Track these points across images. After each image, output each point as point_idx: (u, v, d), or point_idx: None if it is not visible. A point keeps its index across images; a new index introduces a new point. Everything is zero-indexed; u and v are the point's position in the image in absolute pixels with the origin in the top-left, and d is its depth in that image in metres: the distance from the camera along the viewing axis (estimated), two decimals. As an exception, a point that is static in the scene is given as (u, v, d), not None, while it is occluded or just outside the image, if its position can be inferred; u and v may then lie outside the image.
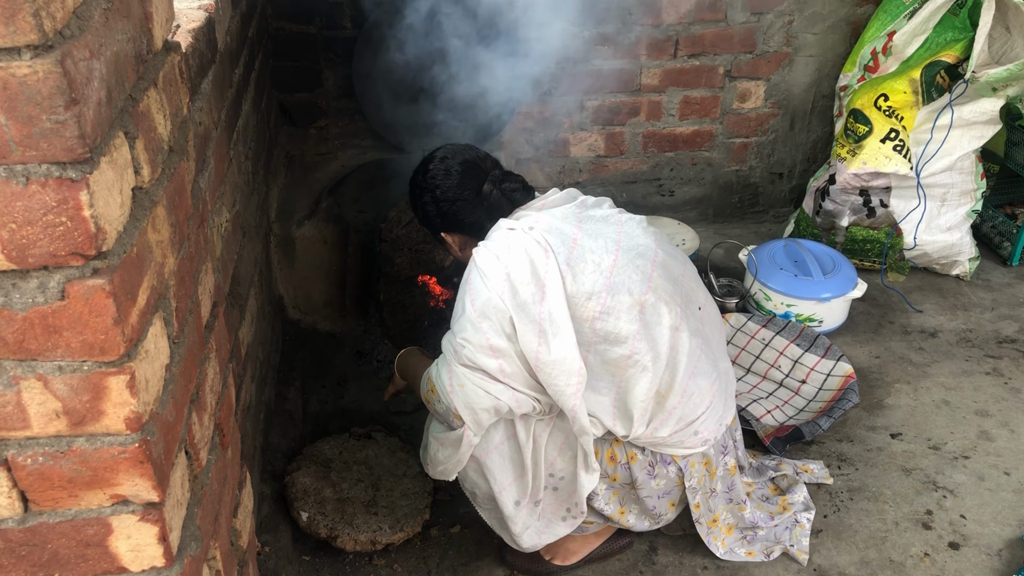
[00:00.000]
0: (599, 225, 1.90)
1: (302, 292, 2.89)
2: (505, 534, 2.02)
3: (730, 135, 3.58)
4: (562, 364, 1.76)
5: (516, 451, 1.90)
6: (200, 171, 1.48)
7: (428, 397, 1.86)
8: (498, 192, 1.96)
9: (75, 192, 0.78)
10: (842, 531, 2.23)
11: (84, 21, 0.78)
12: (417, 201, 2.04)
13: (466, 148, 2.04)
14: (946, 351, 2.93)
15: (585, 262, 1.81)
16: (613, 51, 3.27)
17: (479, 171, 1.98)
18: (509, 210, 1.95)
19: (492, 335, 1.76)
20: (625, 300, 1.80)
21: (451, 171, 1.97)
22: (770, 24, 3.34)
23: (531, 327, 1.75)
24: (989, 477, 2.39)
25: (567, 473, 1.91)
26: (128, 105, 0.90)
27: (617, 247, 1.85)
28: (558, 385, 1.77)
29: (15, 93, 0.73)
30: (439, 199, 1.97)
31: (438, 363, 1.85)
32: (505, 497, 1.93)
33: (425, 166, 2.01)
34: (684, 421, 1.89)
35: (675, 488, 2.00)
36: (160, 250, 0.99)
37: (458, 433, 1.84)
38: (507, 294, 1.76)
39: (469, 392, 1.78)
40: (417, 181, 2.03)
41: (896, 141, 3.10)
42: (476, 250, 1.85)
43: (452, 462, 1.89)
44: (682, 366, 1.86)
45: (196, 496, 1.13)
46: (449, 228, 2.01)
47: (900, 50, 3.18)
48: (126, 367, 0.88)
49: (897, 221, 3.20)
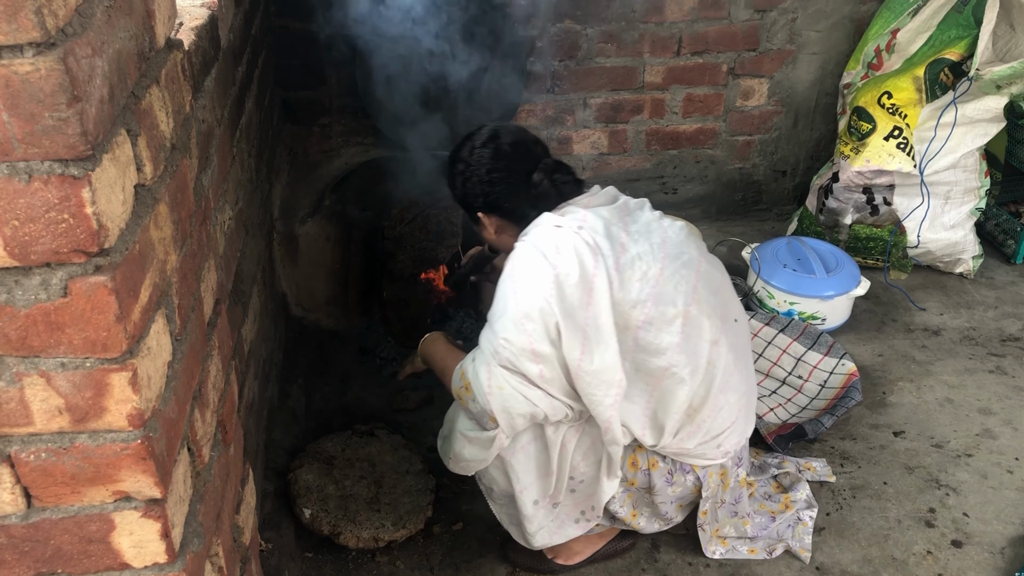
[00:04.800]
0: (644, 229, 1.84)
1: (305, 289, 2.89)
2: (515, 530, 2.00)
3: (733, 133, 3.58)
4: (603, 374, 1.72)
5: (542, 451, 1.86)
6: (203, 168, 1.48)
7: (461, 394, 1.81)
8: (548, 182, 1.87)
9: (77, 189, 0.78)
10: (845, 529, 2.22)
11: (86, 19, 0.79)
12: (458, 177, 1.92)
13: (519, 129, 1.95)
14: (949, 349, 2.92)
15: (633, 269, 1.76)
16: (616, 48, 3.27)
17: (531, 156, 1.89)
18: (556, 202, 1.87)
19: (536, 339, 1.70)
20: (669, 311, 1.76)
21: (502, 151, 1.87)
22: (773, 21, 3.34)
23: (576, 334, 1.70)
24: (992, 475, 2.39)
25: (588, 477, 1.89)
26: (130, 102, 0.91)
27: (664, 255, 1.80)
28: (596, 395, 1.73)
29: (17, 90, 0.73)
30: (484, 180, 1.87)
31: (475, 360, 1.79)
32: (525, 496, 1.90)
33: (472, 142, 1.90)
34: (711, 434, 1.88)
35: (690, 495, 1.99)
36: (162, 247, 0.99)
37: (490, 435, 1.79)
38: (554, 298, 1.70)
39: (508, 396, 1.73)
40: (462, 156, 1.91)
41: (900, 139, 3.09)
42: (521, 246, 1.79)
43: (477, 461, 1.86)
44: (717, 380, 1.84)
45: (199, 493, 1.13)
46: (489, 210, 1.91)
47: (904, 48, 3.17)
48: (128, 364, 0.88)
49: (901, 219, 3.20)
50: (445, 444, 1.95)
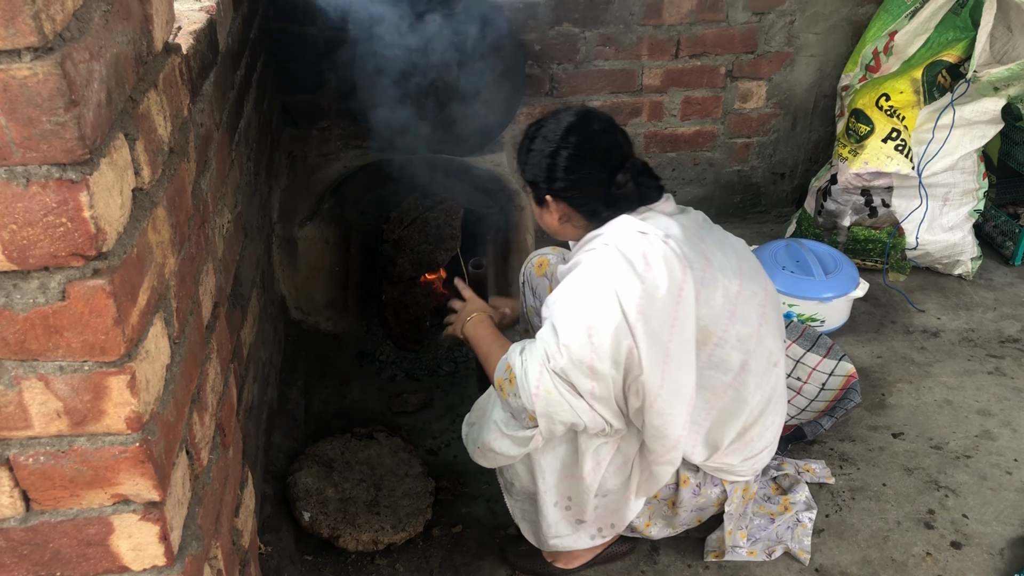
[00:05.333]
0: (719, 244, 1.80)
1: (304, 293, 2.89)
2: (528, 527, 1.99)
3: (732, 135, 3.58)
4: (681, 392, 1.69)
5: (570, 455, 1.83)
6: (201, 172, 1.48)
7: (503, 386, 1.74)
8: (633, 184, 1.75)
9: (75, 193, 0.78)
10: (844, 530, 2.22)
11: (84, 23, 0.79)
12: (535, 155, 1.79)
13: (608, 119, 1.82)
14: (948, 351, 2.93)
15: (716, 285, 1.71)
16: (615, 51, 3.28)
17: (619, 153, 1.77)
18: (634, 206, 1.77)
19: (600, 356, 1.62)
20: (742, 330, 1.74)
21: (593, 141, 1.76)
22: (771, 24, 3.34)
23: (658, 354, 1.63)
24: (991, 476, 2.39)
25: (613, 493, 1.87)
26: (128, 107, 0.91)
27: (740, 273, 1.77)
28: (670, 414, 1.69)
29: (15, 95, 0.73)
30: (566, 166, 1.74)
31: (525, 356, 1.71)
32: (547, 497, 1.87)
33: (559, 121, 1.78)
34: (753, 452, 1.89)
35: (710, 507, 1.99)
36: (160, 251, 0.99)
37: (528, 435, 1.74)
38: (636, 317, 1.61)
39: (554, 402, 1.67)
40: (546, 135, 1.77)
41: (898, 141, 3.10)
42: (605, 249, 1.69)
43: (507, 456, 1.81)
44: (772, 401, 1.85)
45: (197, 496, 1.13)
46: (560, 198, 1.79)
47: (902, 50, 3.17)
48: (127, 367, 0.88)
49: (899, 221, 3.20)
50: (473, 431, 1.89)
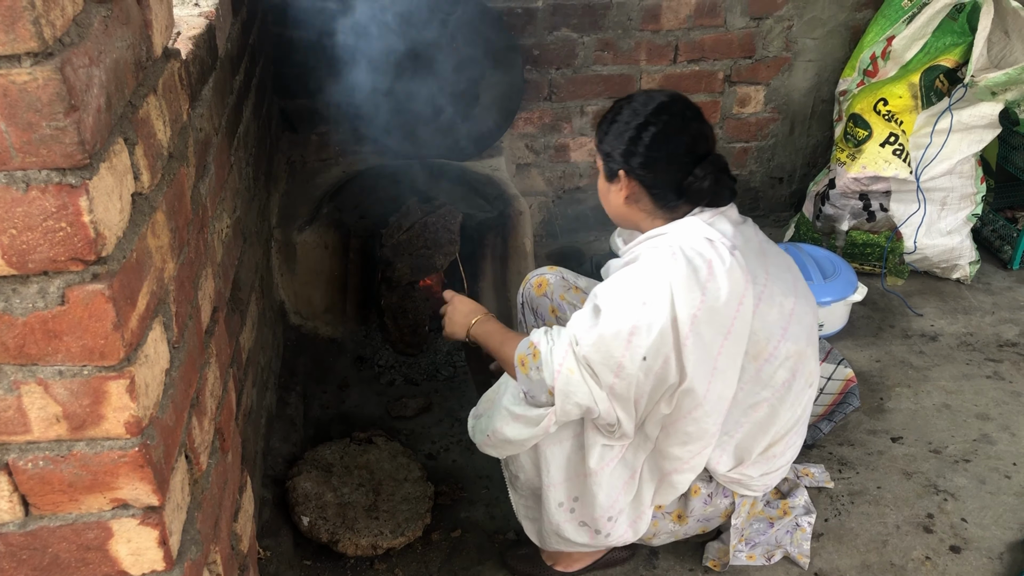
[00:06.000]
0: (777, 259, 1.78)
1: (303, 297, 2.89)
2: (529, 525, 1.98)
3: (730, 140, 3.59)
4: (719, 402, 1.69)
5: (576, 451, 1.81)
6: (200, 177, 1.48)
7: (525, 360, 1.71)
8: (711, 180, 1.69)
9: (75, 198, 0.78)
10: (843, 535, 2.22)
11: (84, 28, 0.79)
12: (621, 126, 1.72)
13: (701, 112, 1.77)
14: (947, 355, 2.93)
15: (773, 301, 1.70)
16: (613, 56, 3.28)
17: (705, 144, 1.73)
18: (705, 203, 1.73)
19: (631, 358, 1.60)
20: (791, 348, 1.74)
21: (684, 124, 1.71)
22: (769, 29, 3.35)
23: (707, 365, 1.63)
24: (990, 480, 2.39)
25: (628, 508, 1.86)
26: (128, 111, 0.91)
27: (795, 292, 1.76)
28: (706, 423, 1.69)
29: (15, 100, 0.73)
30: (650, 142, 1.69)
31: (553, 335, 1.69)
32: (551, 493, 1.85)
33: (654, 99, 1.72)
34: (771, 468, 1.89)
35: (717, 518, 1.99)
36: (160, 255, 0.99)
37: (541, 412, 1.70)
38: (691, 327, 1.59)
39: (574, 382, 1.64)
40: (636, 108, 1.72)
41: (896, 145, 3.10)
42: (671, 251, 1.65)
43: (518, 442, 1.78)
44: (800, 422, 1.86)
45: (196, 500, 1.13)
46: (634, 174, 1.73)
47: (899, 55, 3.18)
48: (126, 372, 0.88)
49: (897, 225, 3.21)
50: (481, 422, 1.87)
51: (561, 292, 2.14)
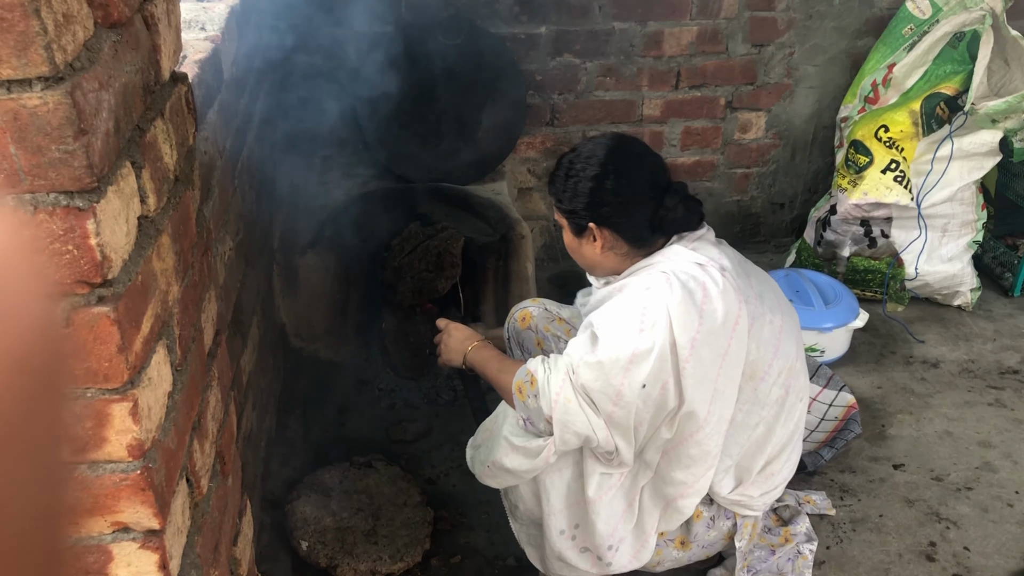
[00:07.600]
0: (760, 277, 1.81)
1: (304, 320, 2.89)
2: (533, 552, 1.96)
3: (731, 165, 3.60)
4: (720, 424, 1.69)
5: (576, 479, 1.80)
6: (205, 200, 1.49)
7: (523, 387, 1.70)
8: (682, 209, 1.70)
9: (82, 221, 0.79)
10: (845, 562, 2.21)
11: (94, 53, 0.80)
12: (579, 181, 1.71)
13: (645, 144, 1.79)
14: (948, 381, 2.92)
15: (763, 319, 1.71)
16: (615, 82, 3.30)
17: (664, 174, 1.75)
18: (679, 232, 1.74)
19: (630, 386, 1.59)
20: (783, 365, 1.75)
21: (644, 163, 1.73)
22: (771, 56, 3.38)
23: (707, 387, 1.63)
24: (993, 508, 2.38)
25: (630, 536, 1.84)
26: (135, 135, 0.91)
27: (781, 308, 1.78)
28: (707, 445, 1.68)
29: (25, 124, 0.74)
30: (614, 188, 1.69)
31: (550, 364, 1.69)
32: (552, 521, 1.83)
33: (599, 146, 1.72)
34: (770, 487, 1.89)
35: (719, 542, 1.97)
36: (164, 278, 1.00)
37: (541, 444, 1.69)
38: (691, 351, 1.59)
39: (572, 411, 1.63)
40: (587, 160, 1.71)
41: (897, 172, 3.12)
42: (664, 276, 1.65)
43: (518, 473, 1.77)
44: (795, 437, 1.86)
45: (196, 524, 1.13)
46: (605, 224, 1.72)
47: (900, 82, 3.20)
48: (129, 394, 0.88)
49: (898, 251, 3.21)
50: (480, 452, 1.86)
51: (545, 324, 2.13)
